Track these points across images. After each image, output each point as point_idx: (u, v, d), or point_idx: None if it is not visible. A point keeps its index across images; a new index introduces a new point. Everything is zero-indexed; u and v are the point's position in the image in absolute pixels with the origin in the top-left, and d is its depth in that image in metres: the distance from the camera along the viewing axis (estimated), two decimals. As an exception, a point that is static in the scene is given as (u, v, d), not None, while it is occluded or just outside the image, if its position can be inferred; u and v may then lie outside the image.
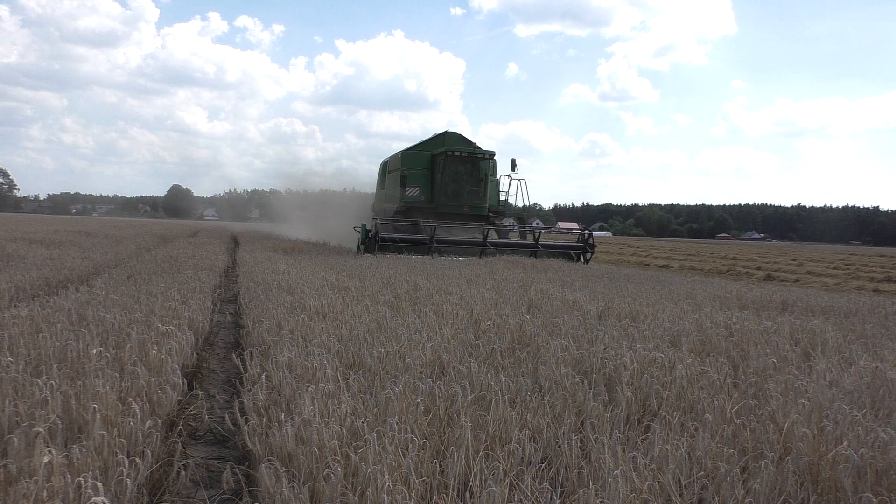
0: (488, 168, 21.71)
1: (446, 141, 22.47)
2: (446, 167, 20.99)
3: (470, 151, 21.37)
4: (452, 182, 21.18)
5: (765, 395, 3.89)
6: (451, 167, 21.08)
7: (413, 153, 22.35)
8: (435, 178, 21.37)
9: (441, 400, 3.53)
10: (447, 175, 21.06)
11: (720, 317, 7.03)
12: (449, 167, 21.03)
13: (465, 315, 6.51)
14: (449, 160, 20.97)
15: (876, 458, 2.84)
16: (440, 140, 22.58)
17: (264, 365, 4.42)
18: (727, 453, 2.91)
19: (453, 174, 21.18)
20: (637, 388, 3.99)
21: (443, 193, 21.05)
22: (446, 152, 20.91)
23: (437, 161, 21.40)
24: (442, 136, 22.75)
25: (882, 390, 4.15)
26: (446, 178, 21.06)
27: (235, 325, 7.88)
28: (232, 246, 23.95)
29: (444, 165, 20.96)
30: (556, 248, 20.28)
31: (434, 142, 22.68)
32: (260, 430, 3.20)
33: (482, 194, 21.62)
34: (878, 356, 5.50)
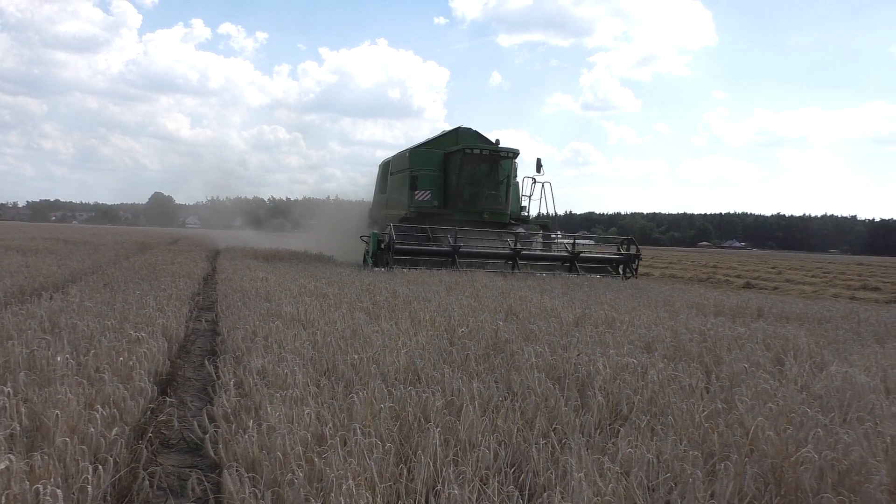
0: (511, 168, 18.80)
1: (460, 137, 19.72)
2: (463, 167, 18.03)
3: (491, 149, 18.32)
4: (470, 184, 18.22)
5: (734, 400, 3.92)
6: (468, 167, 18.13)
7: (423, 151, 19.52)
8: (449, 180, 18.52)
9: (411, 405, 3.53)
10: (464, 176, 18.08)
11: (696, 323, 7.09)
12: (466, 167, 18.08)
13: (442, 322, 6.51)
14: (467, 159, 18.01)
15: (838, 459, 2.88)
16: (453, 137, 19.87)
17: (236, 372, 4.40)
18: (693, 456, 2.93)
19: (471, 175, 18.24)
20: (609, 393, 4.01)
21: (458, 197, 18.07)
22: (464, 150, 18.01)
23: (451, 160, 18.59)
24: (455, 132, 20.01)
25: (849, 394, 4.21)
26: (463, 179, 18.08)
27: (213, 333, 7.82)
28: (212, 254, 23.79)
29: (460, 165, 18.04)
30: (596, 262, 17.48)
31: (446, 139, 19.91)
32: (227, 437, 3.18)
33: (504, 198, 18.69)
34: (848, 361, 5.57)
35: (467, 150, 17.96)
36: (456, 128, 20.10)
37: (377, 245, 15.45)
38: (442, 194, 18.54)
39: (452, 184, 18.32)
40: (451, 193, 18.28)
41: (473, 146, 18.25)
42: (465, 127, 20.10)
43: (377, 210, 22.94)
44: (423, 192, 18.26)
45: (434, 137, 20.31)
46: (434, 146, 19.74)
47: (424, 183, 18.24)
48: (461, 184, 18.08)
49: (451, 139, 19.71)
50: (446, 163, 18.80)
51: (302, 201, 47.05)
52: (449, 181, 18.54)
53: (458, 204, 18.03)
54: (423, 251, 15.50)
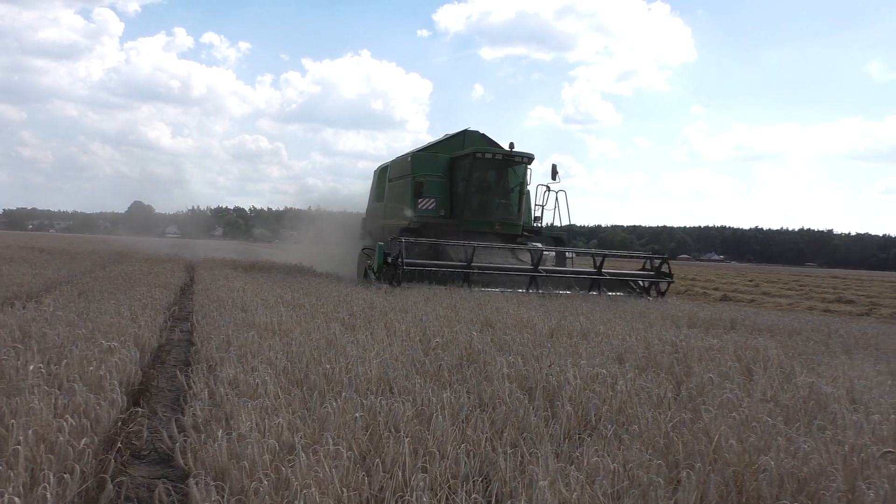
0: (524, 175, 17.02)
1: (467, 141, 17.91)
2: (473, 173, 16.28)
3: (505, 153, 16.53)
4: (479, 192, 16.51)
5: (701, 410, 3.99)
6: (478, 173, 16.43)
7: (427, 156, 17.68)
8: (456, 187, 16.74)
9: (382, 415, 3.55)
10: (474, 183, 16.35)
11: (669, 335, 7.18)
12: (476, 173, 16.36)
13: (417, 332, 6.54)
14: (477, 164, 16.24)
15: (798, 467, 2.95)
16: (459, 140, 18.07)
17: (209, 382, 4.39)
18: (657, 465, 2.98)
19: (481, 182, 16.55)
20: (578, 403, 4.06)
21: (466, 206, 16.30)
22: (474, 154, 16.23)
23: (459, 165, 16.82)
24: (461, 135, 18.20)
25: (812, 403, 4.29)
26: (472, 186, 16.34)
27: (188, 343, 7.78)
28: (191, 263, 23.62)
29: (469, 171, 16.28)
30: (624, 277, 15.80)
31: (452, 142, 18.14)
32: (197, 447, 3.19)
33: (516, 208, 16.93)
34: (816, 372, 5.67)
35: (478, 155, 16.19)
36: (462, 130, 18.29)
37: (383, 259, 13.66)
38: (448, 203, 16.72)
39: (459, 191, 16.56)
40: (459, 202, 16.51)
41: (484, 150, 16.51)
42: (473, 129, 18.37)
43: (373, 220, 20.78)
44: (427, 201, 16.51)
45: (438, 141, 18.60)
46: (438, 150, 17.94)
47: (429, 190, 16.44)
48: (470, 191, 16.35)
49: (457, 143, 18.04)
50: (452, 168, 17.06)
51: (284, 211, 46.73)
52: (455, 188, 16.76)
53: (466, 213, 16.28)
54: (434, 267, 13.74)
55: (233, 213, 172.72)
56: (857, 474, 2.92)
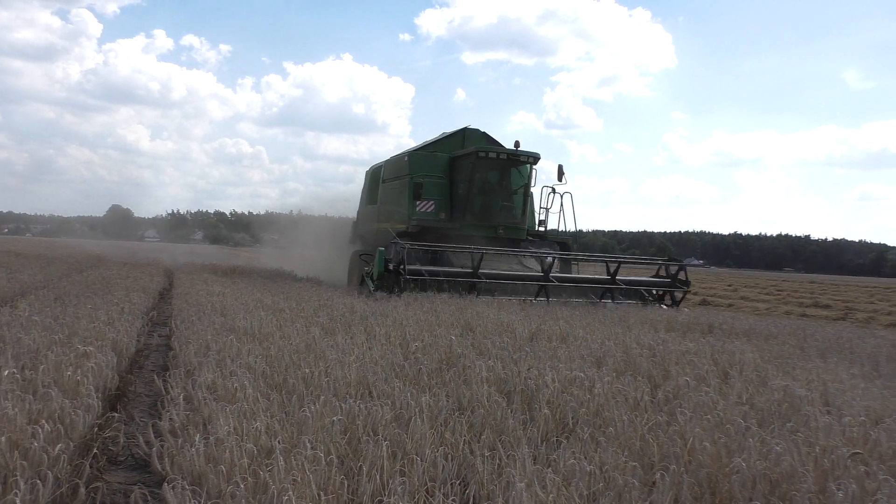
0: (530, 175, 16.03)
1: (467, 139, 16.91)
2: (475, 173, 15.27)
3: (509, 152, 15.46)
4: (482, 193, 15.50)
5: (677, 412, 4.04)
6: (481, 173, 15.45)
7: (425, 155, 16.56)
8: (456, 188, 15.70)
9: (360, 419, 3.56)
10: (476, 184, 15.34)
11: (647, 339, 7.24)
12: (479, 173, 15.37)
13: (397, 337, 6.55)
14: (480, 164, 15.25)
15: (770, 468, 3.00)
16: (458, 139, 17.05)
17: (186, 386, 4.37)
18: (632, 467, 3.02)
19: (483, 183, 15.57)
20: (555, 406, 4.09)
21: (468, 209, 15.30)
22: (477, 153, 15.24)
23: (460, 165, 15.78)
24: (461, 133, 17.17)
25: (786, 406, 4.36)
26: (475, 188, 15.33)
27: (166, 348, 7.73)
28: (170, 268, 23.41)
29: (471, 171, 15.27)
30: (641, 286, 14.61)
31: (451, 141, 17.11)
32: (174, 452, 3.17)
33: (520, 211, 15.96)
34: (790, 375, 5.75)
35: (480, 154, 15.23)
36: (462, 128, 17.29)
37: (383, 265, 12.54)
38: (447, 205, 15.66)
39: (460, 193, 15.54)
40: (459, 204, 15.48)
41: (488, 148, 15.55)
42: (473, 128, 17.37)
43: (365, 223, 19.62)
44: (426, 203, 15.43)
45: (435, 140, 17.59)
46: (437, 149, 16.91)
47: (428, 191, 15.33)
48: (472, 193, 15.32)
49: (455, 141, 17.05)
50: (453, 168, 16.00)
51: (265, 215, 46.26)
52: (456, 189, 15.72)
53: (468, 216, 15.28)
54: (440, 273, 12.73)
55: (213, 216, 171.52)
56: (828, 475, 2.97)
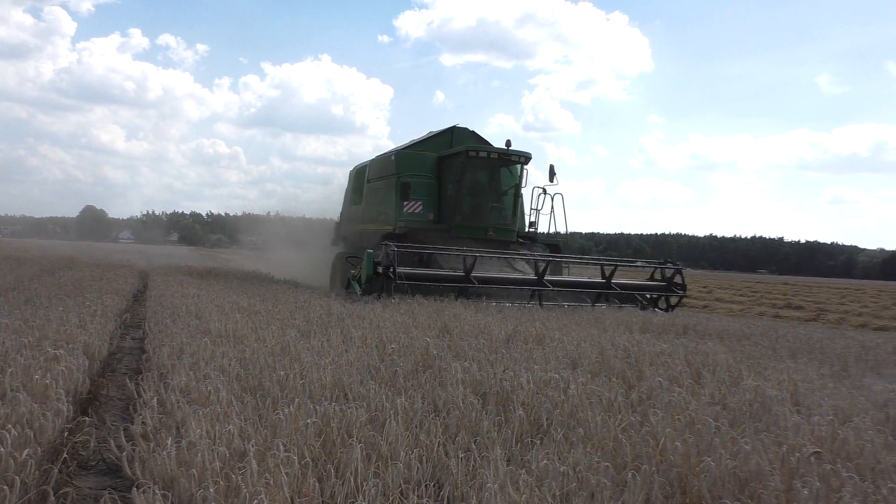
0: (520, 176, 15.59)
1: (456, 138, 16.44)
2: (465, 173, 14.81)
3: (501, 151, 14.96)
4: (472, 194, 15.07)
5: (649, 413, 4.08)
6: (471, 173, 14.99)
7: (413, 154, 16.09)
8: (445, 189, 15.23)
9: (335, 421, 3.55)
10: (465, 184, 14.89)
11: (622, 340, 7.31)
12: (468, 173, 14.91)
13: (373, 339, 6.54)
14: (470, 163, 14.79)
15: (739, 467, 3.05)
16: (446, 138, 16.58)
17: (159, 389, 4.33)
18: (605, 467, 3.05)
19: (473, 184, 15.11)
20: (530, 408, 4.11)
21: (457, 210, 14.84)
22: (467, 152, 14.76)
23: (449, 165, 15.31)
24: (449, 132, 16.71)
25: (756, 406, 4.43)
26: (464, 188, 14.89)
27: (140, 351, 7.64)
28: (145, 270, 23.14)
29: (461, 171, 14.80)
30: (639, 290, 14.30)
31: (439, 140, 16.61)
32: (145, 456, 3.14)
33: (511, 212, 15.54)
34: (762, 376, 5.84)
35: (471, 153, 14.76)
36: (450, 127, 16.85)
37: (372, 268, 12.02)
38: (436, 206, 15.25)
39: (449, 193, 15.07)
40: (448, 205, 15.03)
41: (478, 148, 15.15)
42: (461, 126, 16.94)
43: (349, 224, 19.12)
44: (414, 204, 14.96)
45: (422, 139, 17.08)
46: (424, 148, 16.45)
47: (416, 191, 14.87)
48: (461, 193, 14.87)
49: (443, 140, 16.59)
50: (441, 168, 15.56)
51: (242, 217, 45.83)
52: (444, 190, 15.27)
53: (457, 218, 14.81)
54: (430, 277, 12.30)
55: (189, 218, 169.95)
56: (794, 473, 3.02)
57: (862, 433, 3.76)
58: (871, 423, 4.13)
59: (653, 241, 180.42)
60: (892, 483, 2.93)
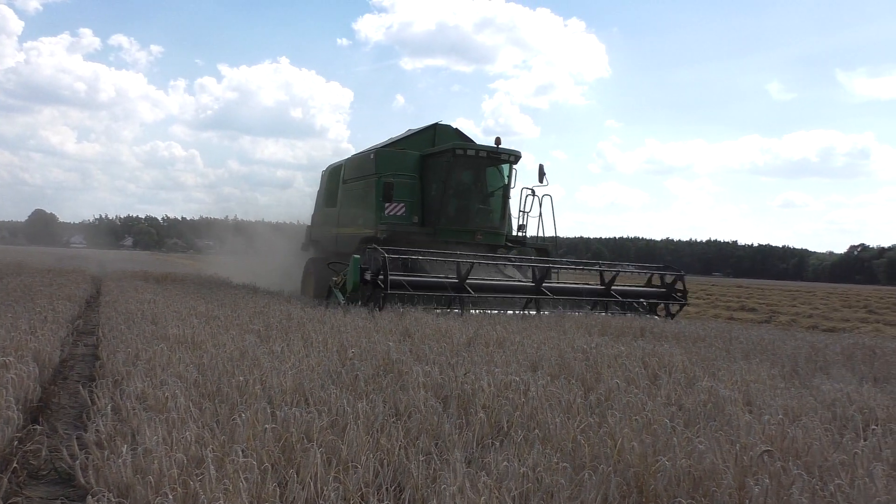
0: (510, 176, 14.72)
1: (439, 136, 15.59)
2: (451, 173, 13.88)
3: (490, 149, 13.99)
4: (458, 196, 14.18)
5: (607, 414, 4.15)
6: (457, 173, 14.07)
7: (393, 153, 15.05)
8: (429, 190, 14.33)
9: (295, 426, 3.53)
10: (451, 185, 13.97)
11: (581, 342, 7.40)
12: (455, 173, 13.99)
13: (334, 343, 6.51)
14: (458, 163, 13.89)
15: (693, 466, 3.12)
16: (428, 135, 15.67)
17: (114, 396, 4.25)
18: (563, 467, 3.09)
19: (460, 184, 14.23)
20: (491, 410, 4.15)
21: (442, 212, 13.94)
22: (454, 150, 13.81)
23: (434, 164, 14.38)
24: (431, 129, 15.80)
25: (710, 406, 4.54)
26: (450, 189, 13.97)
27: (93, 357, 7.47)
28: (99, 274, 22.59)
29: (447, 170, 13.86)
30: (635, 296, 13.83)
31: (420, 138, 15.67)
32: (99, 463, 3.08)
33: (500, 215, 14.75)
34: (716, 377, 5.98)
35: (458, 151, 13.81)
36: (432, 124, 15.93)
37: (359, 275, 10.94)
38: (419, 208, 14.27)
39: (434, 194, 14.15)
40: (434, 207, 14.10)
41: (466, 146, 14.21)
42: (444, 124, 16.01)
43: (321, 229, 17.97)
44: (396, 206, 13.92)
45: (402, 136, 16.11)
46: (405, 146, 15.41)
47: (399, 192, 13.74)
48: (447, 194, 13.94)
49: (425, 138, 15.65)
50: (425, 168, 14.59)
51: (199, 221, 45.09)
52: (428, 191, 14.33)
53: (442, 221, 13.92)
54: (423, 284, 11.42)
55: (144, 222, 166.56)
56: (746, 471, 3.11)
57: (810, 431, 3.88)
58: (819, 421, 4.26)
59: (611, 245, 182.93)
60: (840, 480, 3.03)
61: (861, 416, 4.54)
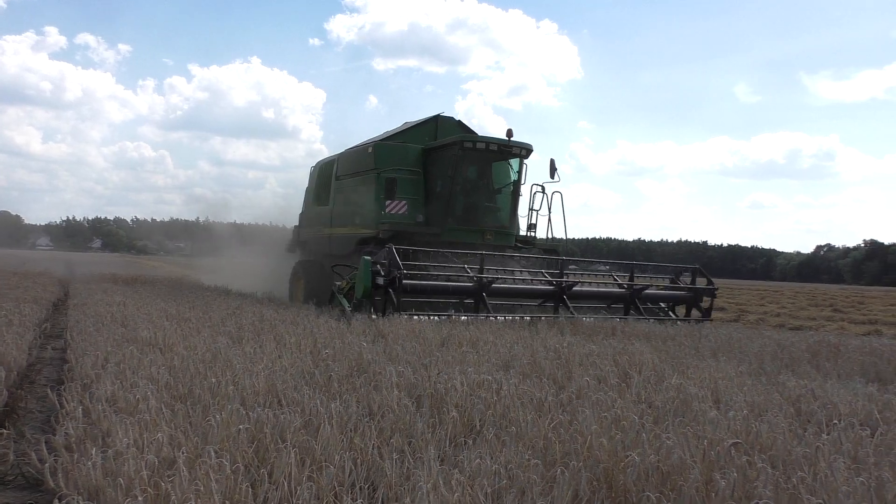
0: (520, 171, 13.70)
1: (441, 129, 14.53)
2: (458, 168, 12.89)
3: (500, 142, 12.98)
4: (465, 193, 13.24)
5: (578, 411, 4.21)
6: (464, 168, 13.13)
7: (393, 146, 13.87)
8: (433, 186, 13.32)
9: (268, 427, 3.53)
10: (458, 181, 12.99)
11: (553, 342, 7.48)
12: (462, 168, 13.01)
13: (307, 344, 6.50)
14: (466, 157, 12.92)
15: (662, 461, 3.19)
16: (430, 128, 14.64)
17: (83, 399, 4.20)
18: (534, 464, 3.13)
19: (467, 180, 13.33)
20: (463, 409, 4.18)
21: (448, 211, 12.91)
22: (462, 143, 12.81)
23: (439, 158, 13.34)
24: (433, 121, 14.79)
25: (679, 402, 4.63)
26: (457, 185, 12.98)
27: (61, 361, 7.36)
28: (66, 277, 22.20)
29: (454, 165, 12.85)
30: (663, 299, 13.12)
31: (421, 131, 14.63)
32: (69, 467, 3.05)
33: (510, 213, 13.80)
34: (685, 374, 6.08)
35: (466, 144, 12.79)
36: (433, 116, 14.91)
37: (371, 279, 9.86)
38: (422, 206, 13.23)
39: (439, 191, 13.20)
40: (439, 204, 13.07)
41: (475, 138, 13.24)
42: (446, 115, 15.00)
43: (312, 228, 16.69)
44: (398, 203, 12.88)
45: (401, 129, 15.05)
46: (405, 139, 14.34)
47: (401, 189, 12.81)
48: (454, 191, 12.93)
49: (426, 131, 14.64)
50: (428, 162, 13.54)
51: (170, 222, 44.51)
52: (433, 187, 13.32)
53: (448, 220, 12.87)
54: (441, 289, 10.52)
55: (113, 223, 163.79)
56: (713, 466, 3.18)
57: (775, 426, 3.97)
58: (783, 417, 4.37)
59: (585, 246, 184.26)
60: (802, 472, 3.12)
61: (824, 412, 4.66)
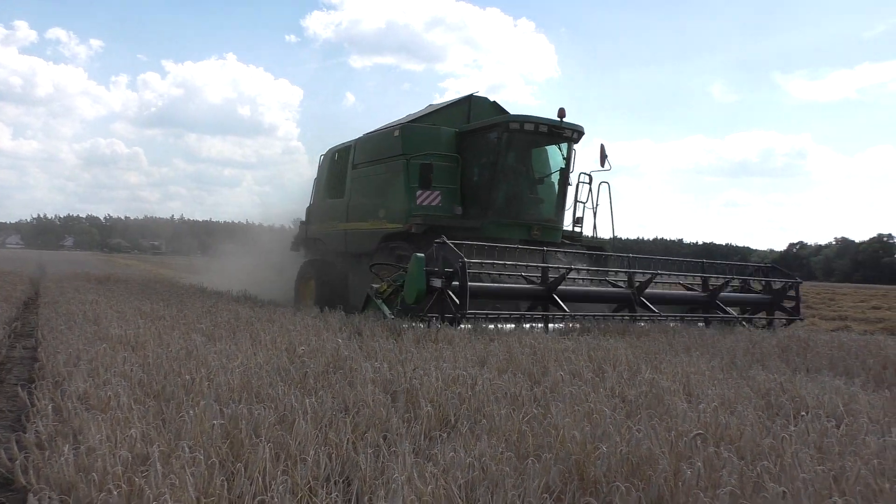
0: (571, 158, 11.90)
1: (474, 111, 12.86)
2: (502, 154, 11.17)
3: (552, 123, 11.22)
4: (507, 182, 11.45)
5: (551, 405, 4.26)
6: (510, 154, 11.37)
7: (423, 128, 12.15)
8: (470, 174, 11.72)
9: (243, 423, 3.53)
10: (501, 169, 11.24)
11: (528, 338, 7.54)
12: (506, 154, 11.27)
13: (283, 341, 6.49)
14: (513, 140, 11.26)
15: (632, 452, 3.25)
16: (462, 110, 12.92)
17: (55, 397, 4.17)
18: (508, 457, 3.18)
19: (513, 168, 11.56)
20: (438, 404, 4.22)
21: (488, 202, 11.27)
22: (508, 124, 11.12)
23: (479, 143, 11.67)
24: (466, 101, 13.08)
25: (651, 396, 4.71)
26: (500, 173, 11.25)
27: (32, 360, 7.27)
28: (37, 275, 21.84)
29: (497, 150, 11.17)
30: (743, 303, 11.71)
31: (453, 112, 12.87)
32: (40, 464, 3.03)
33: (559, 205, 12.08)
34: (658, 369, 6.17)
35: (513, 125, 11.10)
36: (466, 96, 13.23)
37: (424, 282, 8.57)
38: (458, 196, 11.53)
39: (477, 180, 11.62)
40: (480, 195, 11.43)
41: (524, 118, 11.24)
42: (480, 96, 13.29)
43: (324, 223, 14.59)
44: (430, 194, 11.12)
45: (429, 111, 13.15)
46: (435, 121, 12.48)
47: (436, 177, 10.83)
48: (497, 180, 11.23)
49: (459, 112, 12.88)
50: (464, 147, 11.79)
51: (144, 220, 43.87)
52: (470, 175, 11.71)
53: (489, 213, 11.26)
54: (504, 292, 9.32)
55: (85, 221, 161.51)
56: (681, 456, 3.25)
57: (743, 418, 4.06)
58: (752, 409, 4.46)
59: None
60: (768, 462, 3.20)
61: (792, 404, 4.77)
